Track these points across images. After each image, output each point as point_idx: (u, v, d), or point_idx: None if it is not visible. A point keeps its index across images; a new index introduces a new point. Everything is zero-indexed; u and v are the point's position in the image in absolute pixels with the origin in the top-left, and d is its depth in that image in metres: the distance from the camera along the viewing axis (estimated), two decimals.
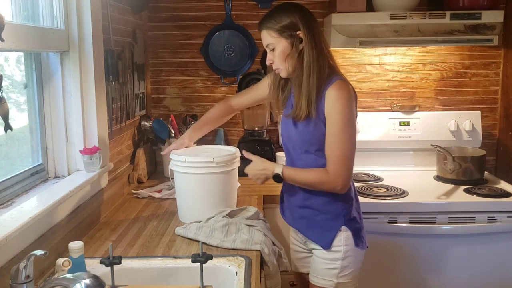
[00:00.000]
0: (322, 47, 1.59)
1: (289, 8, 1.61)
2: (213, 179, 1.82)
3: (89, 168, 1.82)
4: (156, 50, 2.81)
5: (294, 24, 1.57)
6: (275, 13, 1.61)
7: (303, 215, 1.70)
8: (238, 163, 1.90)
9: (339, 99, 1.54)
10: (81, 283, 1.01)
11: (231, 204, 1.90)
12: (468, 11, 2.36)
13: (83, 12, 1.80)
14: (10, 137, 1.57)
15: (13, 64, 1.65)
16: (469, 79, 2.78)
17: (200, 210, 1.82)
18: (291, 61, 1.60)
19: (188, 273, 1.44)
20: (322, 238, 1.67)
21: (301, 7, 1.61)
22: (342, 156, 1.56)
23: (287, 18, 1.58)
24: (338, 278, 1.66)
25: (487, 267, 2.20)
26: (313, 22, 1.60)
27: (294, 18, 1.57)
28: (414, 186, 2.40)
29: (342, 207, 1.66)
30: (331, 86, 1.56)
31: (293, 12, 1.58)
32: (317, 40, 1.58)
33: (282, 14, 1.59)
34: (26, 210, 1.39)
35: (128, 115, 2.35)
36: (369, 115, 2.72)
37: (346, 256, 1.65)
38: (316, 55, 1.57)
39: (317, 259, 1.70)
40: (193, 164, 1.81)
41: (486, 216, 2.17)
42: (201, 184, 1.83)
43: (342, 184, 1.58)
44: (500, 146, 2.79)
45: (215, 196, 1.85)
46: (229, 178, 1.86)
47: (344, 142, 1.56)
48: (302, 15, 1.58)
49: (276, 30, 1.59)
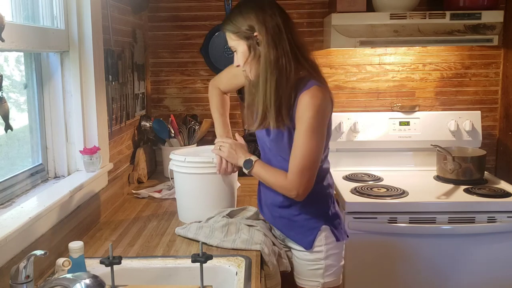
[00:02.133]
0: (287, 48, 1.47)
1: (246, 7, 1.51)
2: (212, 179, 1.82)
3: (89, 168, 1.82)
4: (156, 50, 2.81)
5: (250, 25, 1.48)
6: (233, 14, 1.53)
7: (283, 214, 1.67)
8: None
9: (309, 108, 1.46)
10: (81, 283, 1.01)
11: (231, 204, 1.90)
12: (468, 11, 2.36)
13: (83, 12, 1.80)
14: (10, 137, 1.57)
15: (13, 64, 1.65)
16: (469, 79, 2.78)
17: (200, 210, 1.82)
18: (251, 64, 1.52)
19: (188, 273, 1.44)
20: (303, 239, 1.64)
21: (260, 4, 1.50)
22: (302, 167, 1.50)
23: (243, 19, 1.49)
24: (324, 277, 1.65)
25: (487, 267, 2.20)
26: (275, 19, 1.47)
27: (250, 18, 1.48)
28: (414, 186, 2.40)
29: (322, 206, 1.64)
30: (305, 92, 1.47)
31: (250, 12, 1.48)
32: (277, 40, 1.46)
33: (239, 16, 1.50)
34: (26, 210, 1.39)
35: (128, 115, 2.35)
36: (369, 115, 2.72)
37: (328, 255, 1.64)
38: (276, 57, 1.46)
39: (300, 261, 1.68)
40: (192, 164, 1.81)
41: (486, 216, 2.17)
42: (201, 184, 1.83)
43: (297, 194, 1.53)
44: (500, 146, 2.79)
45: (215, 196, 1.85)
46: (228, 179, 1.85)
47: (306, 153, 1.49)
48: (258, 14, 1.47)
49: (235, 33, 1.52)
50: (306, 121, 1.47)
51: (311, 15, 2.74)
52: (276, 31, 1.47)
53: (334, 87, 2.80)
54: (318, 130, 1.49)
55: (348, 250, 2.19)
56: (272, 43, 1.47)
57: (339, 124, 2.66)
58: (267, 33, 1.47)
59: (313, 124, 1.47)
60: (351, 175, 2.59)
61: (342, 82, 2.80)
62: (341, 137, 2.67)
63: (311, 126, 1.47)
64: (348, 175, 2.60)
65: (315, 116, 1.46)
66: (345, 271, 2.23)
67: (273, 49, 1.47)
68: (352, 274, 2.24)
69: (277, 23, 1.48)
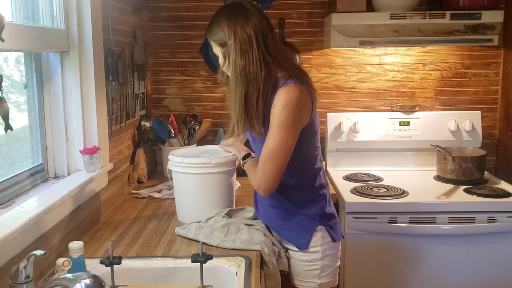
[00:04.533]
0: (258, 55, 1.48)
1: (220, 16, 1.53)
2: (210, 179, 1.82)
3: (89, 168, 1.82)
4: (156, 50, 2.81)
5: (222, 34, 1.51)
6: (211, 22, 1.56)
7: (277, 214, 1.67)
8: (236, 164, 1.89)
9: (278, 103, 1.46)
10: (81, 283, 1.01)
11: (229, 204, 1.90)
12: (468, 11, 2.36)
13: (83, 12, 1.81)
14: (10, 137, 1.57)
15: (12, 64, 1.65)
16: (469, 79, 2.78)
17: (198, 210, 1.82)
18: (228, 71, 1.55)
19: (188, 273, 1.44)
20: (298, 239, 1.64)
21: (232, 13, 1.51)
22: (264, 161, 1.51)
23: (218, 28, 1.52)
24: (320, 278, 1.65)
25: (487, 267, 2.20)
26: (246, 28, 1.48)
27: (222, 27, 1.50)
28: (414, 186, 2.40)
29: (317, 206, 1.64)
30: (279, 89, 1.48)
31: (223, 21, 1.51)
32: (246, 48, 1.48)
33: (215, 24, 1.54)
34: (26, 210, 1.39)
35: (128, 115, 2.35)
36: (369, 115, 2.72)
37: (324, 255, 1.64)
38: (243, 65, 1.48)
39: (295, 261, 1.68)
40: (191, 164, 1.81)
41: (486, 216, 2.17)
42: (199, 184, 1.83)
43: (258, 186, 1.54)
44: (500, 146, 2.79)
45: (213, 196, 1.85)
46: (227, 179, 1.85)
47: (271, 146, 1.49)
48: (230, 22, 1.49)
49: (212, 40, 1.56)
50: (275, 116, 1.48)
51: (311, 15, 2.74)
52: (245, 40, 1.48)
53: (334, 87, 2.81)
54: (285, 125, 1.47)
55: (348, 250, 2.21)
56: (240, 51, 1.49)
57: (339, 124, 2.66)
58: (236, 41, 1.49)
59: (281, 119, 1.47)
60: (351, 175, 2.59)
61: (342, 82, 2.80)
62: (341, 137, 2.67)
63: (279, 122, 1.47)
64: (348, 175, 2.60)
65: (283, 111, 1.46)
66: (345, 271, 2.24)
67: (241, 58, 1.49)
68: (352, 274, 2.24)
69: (247, 32, 1.49)
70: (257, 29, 1.50)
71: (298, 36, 2.76)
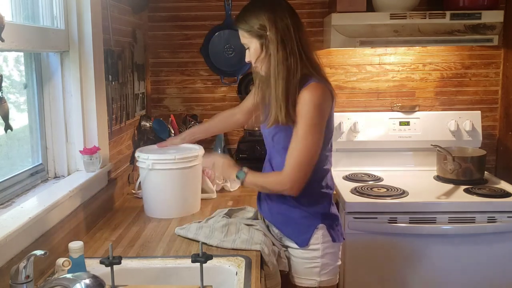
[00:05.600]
0: (295, 47, 1.52)
1: (259, 7, 1.55)
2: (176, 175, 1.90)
3: (89, 168, 1.82)
4: (156, 50, 2.81)
5: (262, 25, 1.52)
6: (246, 12, 1.57)
7: (280, 210, 1.68)
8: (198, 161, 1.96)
9: (308, 103, 1.50)
10: (81, 283, 1.01)
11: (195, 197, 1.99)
12: (468, 11, 2.36)
13: (83, 12, 1.81)
14: (10, 137, 1.57)
15: (12, 64, 1.65)
16: (469, 79, 2.78)
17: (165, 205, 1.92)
18: (263, 62, 1.57)
19: (188, 273, 1.44)
20: (298, 236, 1.65)
21: (271, 5, 1.54)
22: (299, 161, 1.53)
23: (256, 19, 1.53)
24: (320, 276, 1.66)
25: (487, 267, 2.20)
26: (285, 20, 1.52)
27: (262, 19, 1.52)
28: (414, 186, 2.40)
29: (319, 206, 1.65)
30: (304, 88, 1.52)
31: (262, 12, 1.53)
32: (287, 40, 1.52)
33: (252, 15, 1.55)
34: (26, 210, 1.39)
35: (128, 115, 2.35)
36: (369, 115, 2.72)
37: (324, 253, 1.64)
38: (284, 56, 1.51)
39: (296, 259, 1.68)
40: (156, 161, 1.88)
41: (486, 216, 2.17)
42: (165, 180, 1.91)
43: (291, 188, 1.56)
44: (500, 146, 2.79)
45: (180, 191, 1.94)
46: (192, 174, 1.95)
47: (304, 148, 1.52)
48: (271, 14, 1.52)
49: (247, 31, 1.56)
50: (304, 116, 1.51)
51: (311, 15, 2.74)
52: (286, 31, 1.52)
53: (334, 87, 2.77)
54: (316, 125, 1.52)
55: (348, 250, 2.20)
56: (281, 43, 1.52)
57: (339, 124, 2.66)
58: (277, 33, 1.52)
59: (311, 120, 1.51)
60: (351, 175, 2.59)
61: (342, 82, 2.80)
62: (341, 137, 2.67)
63: (309, 122, 1.51)
64: (348, 175, 2.60)
65: (313, 111, 1.51)
66: (345, 271, 2.24)
67: (282, 49, 1.52)
68: (352, 274, 2.24)
69: (286, 24, 1.53)
70: (293, 22, 1.54)
71: None
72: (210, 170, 2.25)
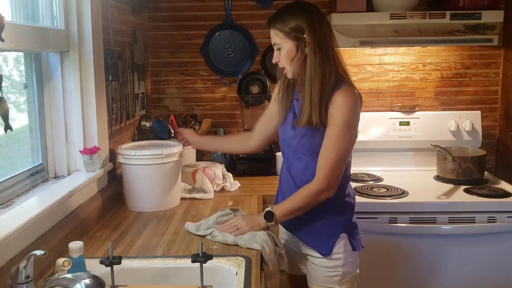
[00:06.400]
0: (329, 52, 1.56)
1: (297, 9, 1.58)
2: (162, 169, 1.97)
3: (89, 168, 1.82)
4: (156, 50, 2.81)
5: (300, 27, 1.54)
6: (284, 13, 1.59)
7: (303, 220, 1.68)
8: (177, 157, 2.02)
9: (343, 105, 1.53)
10: (81, 283, 1.01)
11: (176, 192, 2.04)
12: (468, 11, 2.36)
13: (83, 12, 1.81)
14: (10, 137, 1.57)
15: (12, 64, 1.65)
16: (469, 79, 2.78)
17: (149, 199, 1.98)
18: (296, 63, 1.59)
19: (188, 273, 1.44)
20: (321, 245, 1.66)
21: (310, 9, 1.58)
22: (334, 162, 1.56)
23: (294, 20, 1.55)
24: (340, 284, 1.67)
25: (487, 267, 2.20)
26: (322, 25, 1.56)
27: (301, 21, 1.54)
28: (414, 186, 2.40)
29: (343, 214, 1.67)
30: (338, 91, 1.55)
31: (301, 14, 1.55)
32: (323, 45, 1.55)
33: (290, 16, 1.56)
34: (26, 210, 1.39)
35: (128, 115, 2.35)
36: (369, 115, 2.72)
37: (346, 262, 1.66)
38: (321, 60, 1.54)
39: (317, 267, 1.69)
40: (143, 156, 1.95)
41: (486, 216, 2.17)
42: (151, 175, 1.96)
43: (328, 188, 1.57)
44: (500, 146, 2.79)
45: (164, 184, 2.00)
46: (176, 168, 2.02)
47: (339, 148, 1.55)
48: (309, 17, 1.55)
49: (283, 32, 1.57)
50: (340, 117, 1.54)
51: None
52: (323, 36, 1.55)
53: None
54: (351, 127, 1.56)
55: None
56: (319, 46, 1.54)
57: None
58: (315, 36, 1.54)
59: (347, 121, 1.54)
60: (351, 175, 2.59)
61: None
62: None
63: (345, 123, 1.54)
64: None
65: (349, 112, 1.54)
66: None
67: (319, 52, 1.54)
68: None
69: (322, 29, 1.56)
70: (328, 28, 1.59)
71: None
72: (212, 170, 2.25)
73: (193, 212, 1.99)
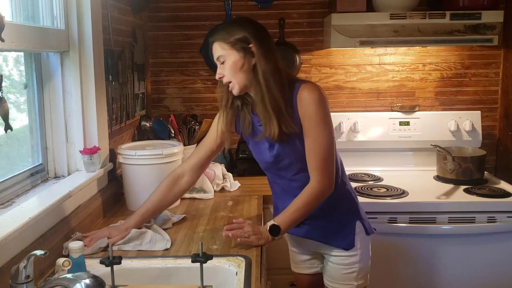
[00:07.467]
0: (277, 64, 1.54)
1: (242, 22, 1.58)
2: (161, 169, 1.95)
3: (89, 168, 1.82)
4: (156, 50, 2.81)
5: (246, 37, 1.52)
6: (228, 26, 1.58)
7: (318, 221, 1.67)
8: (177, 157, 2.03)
9: (312, 102, 1.52)
10: (81, 283, 1.01)
11: None
12: (468, 11, 2.36)
13: (83, 12, 1.81)
14: (10, 137, 1.57)
15: (12, 64, 1.65)
16: (469, 79, 2.78)
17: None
18: (244, 74, 1.53)
19: (188, 273, 1.44)
20: (342, 241, 1.67)
21: (254, 23, 1.58)
22: (324, 158, 1.55)
23: (240, 31, 1.53)
24: (357, 280, 1.69)
25: (487, 267, 2.20)
26: (266, 38, 1.56)
27: (247, 31, 1.53)
28: (414, 186, 2.40)
29: (349, 202, 1.72)
30: (299, 91, 1.53)
31: (246, 26, 1.54)
32: (270, 56, 1.53)
33: (236, 27, 1.55)
34: (26, 210, 1.39)
35: (128, 115, 2.35)
36: (369, 115, 2.72)
37: (362, 258, 1.69)
38: (271, 69, 1.52)
39: (334, 265, 1.70)
40: (143, 156, 1.96)
41: (486, 216, 2.17)
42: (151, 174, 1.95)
43: (327, 185, 1.58)
44: (500, 146, 2.79)
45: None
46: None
47: (324, 144, 1.55)
48: (254, 30, 1.55)
49: (228, 43, 1.52)
50: (314, 115, 1.53)
51: (311, 15, 2.74)
52: (269, 48, 1.55)
53: (334, 87, 2.81)
54: (326, 118, 1.56)
55: None
56: (266, 57, 1.52)
57: (339, 124, 2.66)
58: (262, 47, 1.53)
59: (321, 116, 1.54)
60: (351, 175, 2.59)
61: (342, 82, 2.80)
62: (341, 137, 2.67)
63: (320, 118, 1.54)
64: (348, 175, 2.57)
65: (320, 107, 1.53)
66: None
67: (269, 59, 1.53)
68: None
69: (269, 41, 1.57)
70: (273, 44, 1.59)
71: (298, 36, 2.76)
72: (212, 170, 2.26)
73: (193, 212, 1.99)
